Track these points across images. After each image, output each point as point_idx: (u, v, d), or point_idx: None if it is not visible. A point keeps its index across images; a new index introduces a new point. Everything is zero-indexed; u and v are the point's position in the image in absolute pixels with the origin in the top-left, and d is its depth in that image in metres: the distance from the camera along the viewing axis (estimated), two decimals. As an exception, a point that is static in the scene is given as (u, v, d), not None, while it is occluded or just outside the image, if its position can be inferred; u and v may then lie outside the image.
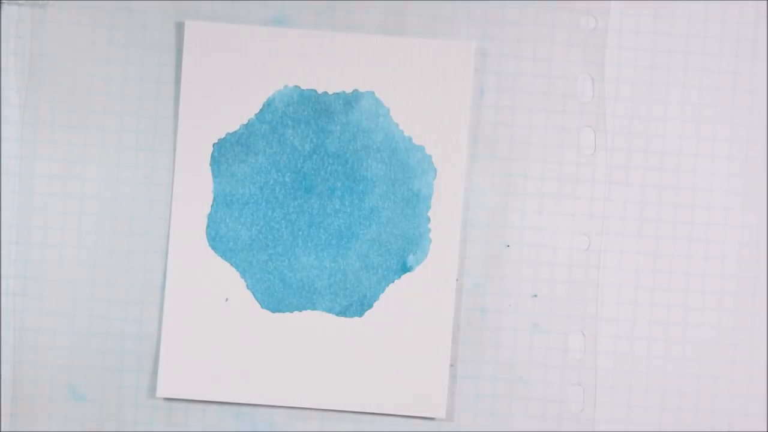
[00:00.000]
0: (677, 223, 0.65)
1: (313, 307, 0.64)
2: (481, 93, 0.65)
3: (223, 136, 0.64)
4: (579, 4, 0.65)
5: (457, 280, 0.64)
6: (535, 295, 0.65)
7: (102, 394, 0.64)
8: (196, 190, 0.64)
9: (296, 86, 0.64)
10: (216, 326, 0.64)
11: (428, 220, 0.64)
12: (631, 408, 0.65)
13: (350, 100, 0.64)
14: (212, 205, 0.64)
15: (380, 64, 0.64)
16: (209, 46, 0.64)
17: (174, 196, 0.64)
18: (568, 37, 0.65)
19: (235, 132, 0.64)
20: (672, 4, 0.65)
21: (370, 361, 0.64)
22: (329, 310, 0.64)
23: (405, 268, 0.64)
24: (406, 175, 0.64)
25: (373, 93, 0.64)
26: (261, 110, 0.64)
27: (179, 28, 0.65)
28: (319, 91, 0.64)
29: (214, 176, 0.64)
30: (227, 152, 0.64)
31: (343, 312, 0.64)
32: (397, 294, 0.64)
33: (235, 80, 0.64)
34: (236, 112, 0.64)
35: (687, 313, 0.65)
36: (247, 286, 0.64)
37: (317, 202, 0.64)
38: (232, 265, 0.64)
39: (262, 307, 0.64)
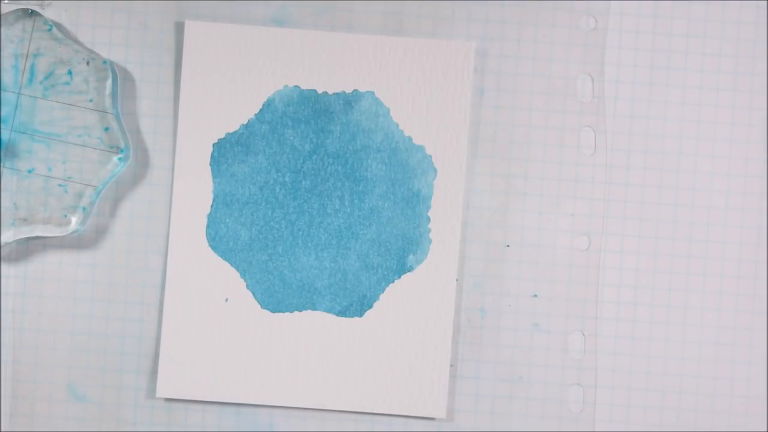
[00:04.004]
0: (677, 223, 0.65)
1: (313, 307, 0.64)
2: (481, 93, 0.65)
3: (223, 136, 0.64)
4: (579, 4, 0.65)
5: (457, 280, 0.64)
6: (535, 295, 0.65)
7: (102, 394, 0.64)
8: (196, 190, 0.64)
9: (296, 86, 0.64)
10: (216, 326, 0.64)
11: (428, 220, 0.64)
12: (631, 408, 0.65)
13: (350, 100, 0.64)
14: (212, 205, 0.64)
15: (380, 64, 0.64)
16: (209, 46, 0.64)
17: (174, 196, 0.64)
18: (568, 37, 0.65)
19: (235, 132, 0.64)
20: (672, 4, 0.65)
21: (370, 361, 0.64)
22: (329, 310, 0.64)
23: (405, 268, 0.64)
24: (406, 175, 0.64)
25: (373, 93, 0.64)
26: (261, 110, 0.64)
27: (179, 28, 0.65)
28: (319, 91, 0.64)
29: (214, 176, 0.64)
30: (227, 152, 0.64)
31: (343, 312, 0.64)
32: (397, 294, 0.64)
33: (235, 80, 0.64)
34: (236, 112, 0.64)
35: (687, 313, 0.65)
36: (247, 286, 0.64)
37: (317, 202, 0.64)
38: (232, 265, 0.64)
39: (262, 307, 0.64)
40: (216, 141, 0.64)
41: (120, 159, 0.63)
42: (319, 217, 0.64)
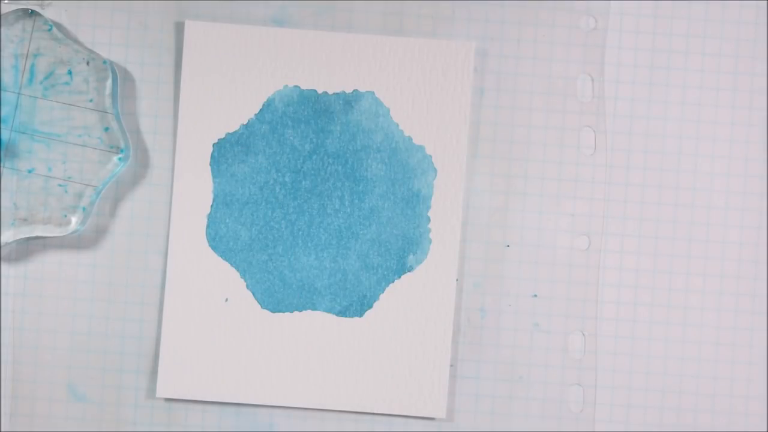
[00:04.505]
0: (677, 223, 0.65)
1: (313, 307, 0.64)
2: (481, 93, 0.65)
3: (223, 136, 0.64)
4: (579, 4, 0.65)
5: (457, 280, 0.64)
6: (535, 295, 0.65)
7: (102, 394, 0.64)
8: (196, 190, 0.64)
9: (296, 86, 0.64)
10: (216, 326, 0.64)
11: (428, 220, 0.64)
12: (631, 408, 0.65)
13: (350, 100, 0.64)
14: (212, 205, 0.64)
15: (380, 64, 0.64)
16: (209, 46, 0.64)
17: (174, 196, 0.64)
18: (568, 37, 0.65)
19: (235, 132, 0.64)
20: (672, 4, 0.65)
21: (370, 361, 0.64)
22: (329, 310, 0.64)
23: (405, 268, 0.64)
24: (406, 175, 0.64)
25: (373, 93, 0.64)
26: (261, 110, 0.64)
27: (179, 28, 0.65)
28: (319, 91, 0.64)
29: (214, 176, 0.64)
30: (227, 152, 0.64)
31: (343, 312, 0.64)
32: (397, 294, 0.64)
33: (235, 80, 0.64)
34: (236, 112, 0.64)
35: (687, 313, 0.65)
36: (247, 286, 0.64)
37: (317, 202, 0.64)
38: (232, 265, 0.64)
39: (262, 307, 0.64)
40: (216, 141, 0.64)
41: (120, 159, 0.63)
42: (319, 217, 0.64)
